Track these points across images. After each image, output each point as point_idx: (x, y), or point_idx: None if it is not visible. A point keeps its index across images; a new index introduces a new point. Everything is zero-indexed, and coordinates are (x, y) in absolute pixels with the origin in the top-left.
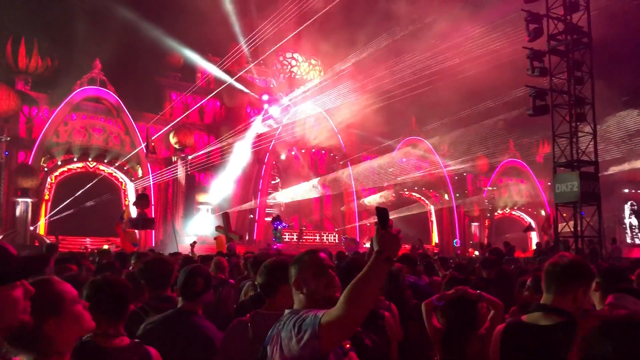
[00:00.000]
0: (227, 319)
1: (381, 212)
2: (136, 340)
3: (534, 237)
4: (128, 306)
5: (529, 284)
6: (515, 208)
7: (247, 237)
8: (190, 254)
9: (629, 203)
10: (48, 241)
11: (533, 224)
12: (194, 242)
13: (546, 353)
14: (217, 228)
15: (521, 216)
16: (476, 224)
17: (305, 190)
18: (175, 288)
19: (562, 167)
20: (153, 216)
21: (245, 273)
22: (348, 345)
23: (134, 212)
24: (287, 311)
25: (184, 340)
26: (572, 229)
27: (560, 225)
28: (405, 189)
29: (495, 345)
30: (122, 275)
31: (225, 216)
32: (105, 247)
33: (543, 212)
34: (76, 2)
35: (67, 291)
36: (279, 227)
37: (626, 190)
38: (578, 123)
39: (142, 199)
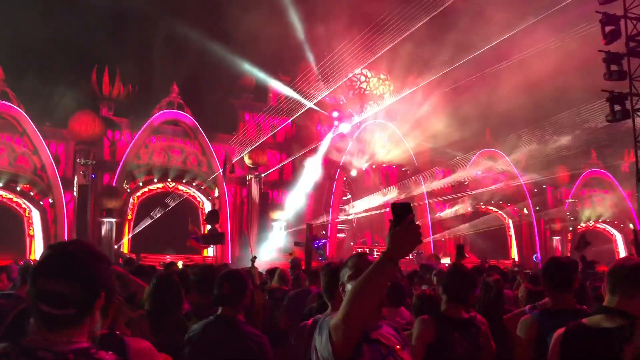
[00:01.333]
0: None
1: (396, 208)
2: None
3: (622, 252)
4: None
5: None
6: (600, 220)
7: (320, 258)
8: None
9: None
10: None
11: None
12: (254, 257)
13: (607, 356)
14: (297, 243)
15: (606, 229)
16: (558, 237)
17: (378, 202)
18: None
19: None
20: (223, 231)
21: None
22: (385, 351)
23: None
24: (327, 312)
25: (224, 347)
26: None
27: None
28: (482, 203)
29: (555, 349)
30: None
31: (309, 228)
32: (180, 263)
33: (631, 225)
34: (154, 30)
35: None
36: (321, 245)
37: None
38: None
39: (211, 215)
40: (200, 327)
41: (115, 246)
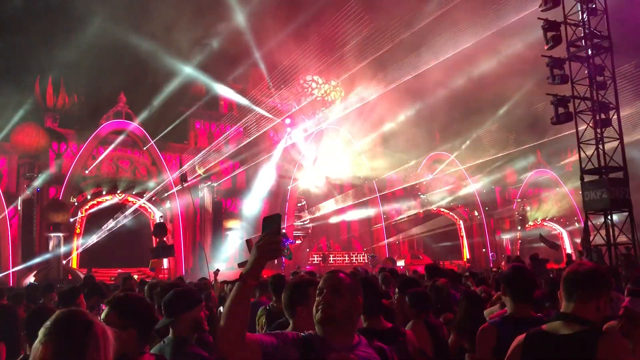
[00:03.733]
0: None
1: (266, 221)
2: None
3: (568, 249)
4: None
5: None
6: (547, 219)
7: (276, 262)
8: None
9: None
10: (81, 275)
11: (559, 241)
12: (217, 270)
13: None
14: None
15: (553, 227)
16: (507, 237)
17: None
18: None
19: (590, 174)
20: (172, 244)
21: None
22: None
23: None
24: None
25: None
26: (605, 238)
27: (591, 234)
28: (433, 205)
29: (515, 355)
30: None
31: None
32: (135, 276)
33: (577, 224)
34: (100, 38)
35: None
36: (287, 244)
37: None
38: (603, 128)
39: (159, 228)
40: (155, 352)
41: (64, 261)
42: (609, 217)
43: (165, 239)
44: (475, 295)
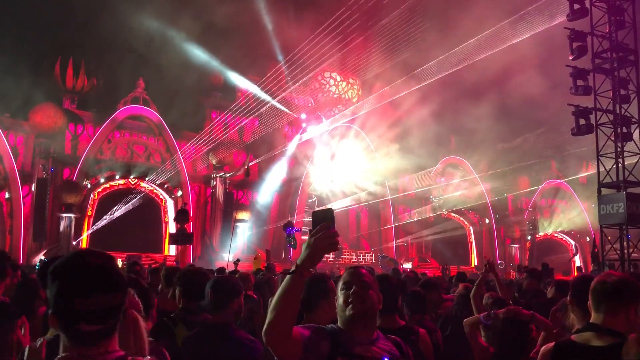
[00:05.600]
0: (252, 334)
1: (317, 216)
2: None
3: (577, 261)
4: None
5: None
6: (558, 231)
7: (283, 256)
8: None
9: None
10: None
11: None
12: (238, 260)
13: None
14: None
15: (564, 239)
16: (517, 246)
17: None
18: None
19: (607, 187)
20: (192, 232)
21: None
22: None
23: (174, 227)
24: None
25: (220, 353)
26: (619, 253)
27: (605, 248)
28: (444, 209)
29: None
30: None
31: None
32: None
33: (588, 238)
34: (122, 24)
35: None
36: (292, 233)
37: None
38: (624, 142)
39: (182, 214)
40: (194, 335)
41: (74, 242)
42: (625, 231)
43: (186, 226)
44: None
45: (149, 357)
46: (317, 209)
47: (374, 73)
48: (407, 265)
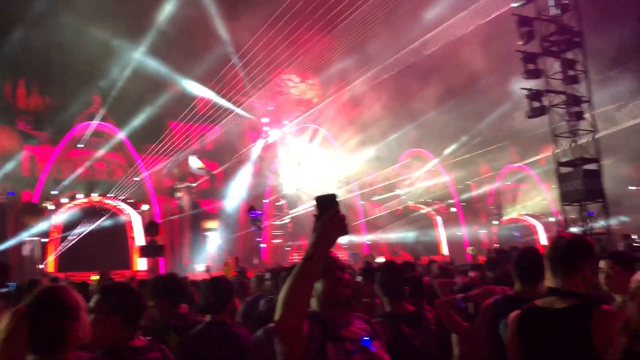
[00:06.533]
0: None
1: (321, 201)
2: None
3: (543, 241)
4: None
5: None
6: (523, 213)
7: (255, 261)
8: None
9: None
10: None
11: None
12: (208, 268)
13: (567, 336)
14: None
15: (528, 220)
16: (484, 231)
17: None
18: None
19: (565, 166)
20: (163, 244)
21: (258, 292)
22: (352, 348)
23: (143, 240)
24: None
25: (223, 348)
26: (582, 229)
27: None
28: (411, 202)
29: (513, 331)
30: None
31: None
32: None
33: (551, 218)
34: (71, 40)
35: (81, 300)
36: (257, 216)
37: None
38: (577, 121)
39: (151, 227)
40: (194, 334)
41: (40, 266)
42: (584, 207)
43: (156, 238)
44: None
45: None
46: (319, 195)
47: (331, 72)
48: (380, 260)
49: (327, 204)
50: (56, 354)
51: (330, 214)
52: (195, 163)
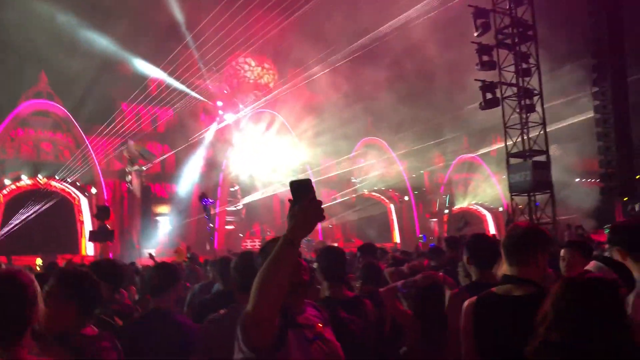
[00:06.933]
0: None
1: (296, 186)
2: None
3: (492, 229)
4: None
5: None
6: (473, 203)
7: (208, 247)
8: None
9: None
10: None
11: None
12: (151, 254)
13: (522, 323)
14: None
15: (478, 209)
16: (435, 219)
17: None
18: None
19: (515, 157)
20: (113, 229)
21: (210, 277)
22: (311, 335)
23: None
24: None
25: (159, 339)
26: (528, 219)
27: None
28: (365, 190)
29: (468, 319)
30: None
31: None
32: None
33: (500, 208)
34: (17, 12)
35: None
36: (208, 204)
37: None
38: (528, 114)
39: (102, 211)
40: (135, 321)
41: None
42: (532, 198)
43: (107, 222)
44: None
45: None
46: (293, 179)
47: (288, 56)
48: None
49: (302, 189)
50: (15, 341)
51: (309, 198)
52: (134, 148)
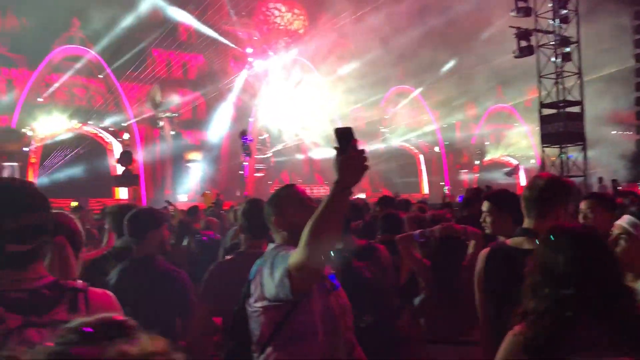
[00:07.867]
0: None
1: (340, 133)
2: None
3: (523, 182)
4: None
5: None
6: (505, 154)
7: (238, 194)
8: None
9: None
10: None
11: (520, 167)
12: (167, 201)
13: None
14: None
15: (510, 161)
16: (465, 170)
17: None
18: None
19: (548, 108)
20: (137, 173)
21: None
22: (329, 286)
23: (119, 169)
24: (270, 246)
25: (142, 288)
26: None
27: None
28: (395, 140)
29: (481, 267)
30: None
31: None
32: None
33: (532, 161)
34: None
35: None
36: (247, 141)
37: None
38: (564, 63)
39: (125, 156)
40: (117, 271)
41: None
42: (565, 150)
43: (130, 167)
44: None
45: (79, 281)
46: (338, 127)
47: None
48: (362, 196)
49: (346, 135)
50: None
51: (354, 148)
52: (152, 93)
